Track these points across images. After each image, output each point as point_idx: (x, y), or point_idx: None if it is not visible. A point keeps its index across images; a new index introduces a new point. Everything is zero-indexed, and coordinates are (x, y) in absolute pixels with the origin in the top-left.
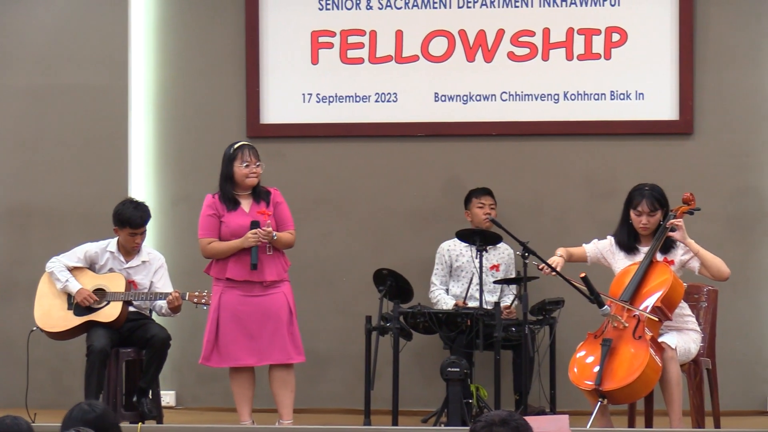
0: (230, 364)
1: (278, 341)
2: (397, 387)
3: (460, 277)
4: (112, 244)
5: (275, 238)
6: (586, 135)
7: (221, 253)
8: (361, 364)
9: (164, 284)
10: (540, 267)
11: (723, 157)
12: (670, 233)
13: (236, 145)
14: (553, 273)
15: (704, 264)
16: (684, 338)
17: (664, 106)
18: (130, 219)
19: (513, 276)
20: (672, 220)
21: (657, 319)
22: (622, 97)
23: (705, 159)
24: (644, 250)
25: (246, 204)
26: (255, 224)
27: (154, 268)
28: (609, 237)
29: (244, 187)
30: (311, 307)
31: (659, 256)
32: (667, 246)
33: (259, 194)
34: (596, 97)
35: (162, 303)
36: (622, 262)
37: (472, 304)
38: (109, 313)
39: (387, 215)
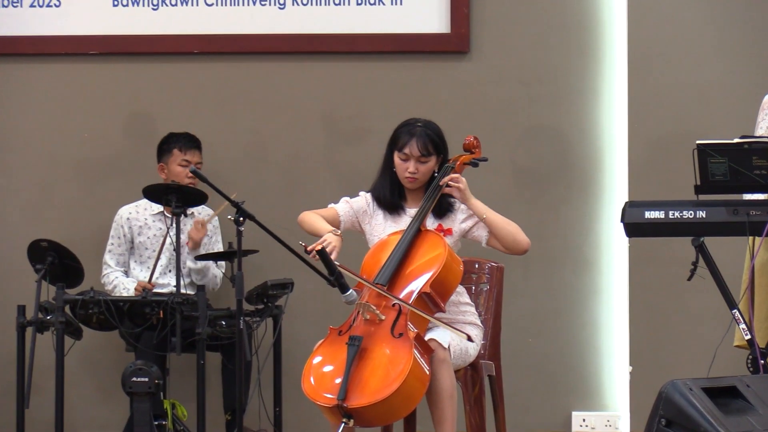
0: None
1: None
2: (62, 404)
3: (144, 257)
4: None
5: None
6: (323, 54)
7: None
8: (12, 372)
9: None
10: (308, 249)
11: (509, 84)
12: (447, 189)
13: None
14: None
15: (494, 232)
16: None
17: (430, 16)
18: None
19: (220, 249)
20: (446, 177)
21: (424, 314)
22: (372, 2)
23: (485, 87)
24: (412, 212)
25: None
26: None
27: None
28: (363, 193)
29: None
30: None
31: (431, 223)
32: (443, 209)
33: None
34: (337, 1)
35: None
36: (380, 227)
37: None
38: None
39: (47, 165)
